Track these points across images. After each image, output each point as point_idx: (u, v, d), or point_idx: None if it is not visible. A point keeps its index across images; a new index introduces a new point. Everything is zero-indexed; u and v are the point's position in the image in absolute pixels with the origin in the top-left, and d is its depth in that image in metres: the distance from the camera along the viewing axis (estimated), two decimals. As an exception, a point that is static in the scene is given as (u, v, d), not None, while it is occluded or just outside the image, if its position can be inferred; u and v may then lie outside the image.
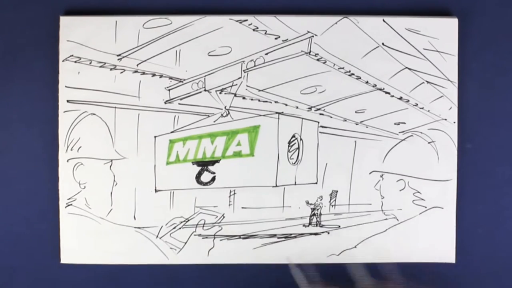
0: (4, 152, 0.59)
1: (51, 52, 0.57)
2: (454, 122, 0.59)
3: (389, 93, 0.58)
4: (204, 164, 0.58)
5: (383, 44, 0.58)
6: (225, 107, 0.58)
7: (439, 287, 0.60)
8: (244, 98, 0.58)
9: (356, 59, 0.58)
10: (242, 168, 0.58)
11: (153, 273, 0.59)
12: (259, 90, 0.58)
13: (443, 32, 0.58)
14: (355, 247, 0.59)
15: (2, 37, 0.58)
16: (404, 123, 0.59)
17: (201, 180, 0.58)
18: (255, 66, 0.58)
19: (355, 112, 0.58)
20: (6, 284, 0.59)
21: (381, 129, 0.58)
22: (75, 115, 0.57)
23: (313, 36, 0.58)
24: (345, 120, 0.58)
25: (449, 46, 0.58)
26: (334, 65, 0.58)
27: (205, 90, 0.58)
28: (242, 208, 0.58)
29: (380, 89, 0.58)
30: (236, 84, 0.58)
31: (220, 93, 0.58)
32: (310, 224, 0.59)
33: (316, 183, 0.58)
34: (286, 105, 0.58)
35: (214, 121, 0.58)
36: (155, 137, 0.58)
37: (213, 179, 0.58)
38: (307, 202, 0.59)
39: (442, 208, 0.59)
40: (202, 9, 0.58)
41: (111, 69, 0.57)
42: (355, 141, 0.58)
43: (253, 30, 0.57)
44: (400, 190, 0.59)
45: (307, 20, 0.57)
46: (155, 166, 0.58)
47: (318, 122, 0.58)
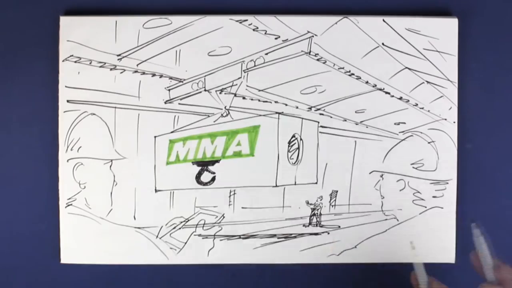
0: (4, 152, 0.59)
1: (51, 52, 0.57)
2: (454, 122, 0.59)
3: (389, 93, 0.58)
4: (204, 164, 0.58)
5: (383, 44, 0.58)
6: (225, 107, 0.58)
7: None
8: (244, 98, 0.58)
9: (356, 59, 0.58)
10: (242, 168, 0.58)
11: (153, 273, 0.59)
12: (259, 90, 0.58)
13: (443, 32, 0.58)
14: (355, 247, 0.59)
15: (2, 37, 0.58)
16: (404, 123, 0.59)
17: (201, 180, 0.58)
18: (255, 66, 0.58)
19: (355, 112, 0.58)
20: (6, 284, 0.59)
21: (381, 129, 0.58)
22: (75, 115, 0.57)
23: (313, 36, 0.58)
24: (345, 120, 0.58)
25: (449, 46, 0.58)
26: (334, 65, 0.58)
27: (205, 90, 0.58)
28: (242, 208, 0.58)
29: (380, 89, 0.58)
30: (236, 84, 0.58)
31: (220, 93, 0.58)
32: (310, 224, 0.59)
33: (316, 183, 0.58)
34: (286, 105, 0.58)
35: (214, 121, 0.58)
36: (155, 137, 0.58)
37: (213, 179, 0.58)
38: (307, 202, 0.59)
39: (442, 208, 0.59)
40: (202, 9, 0.58)
41: (111, 69, 0.57)
42: (355, 141, 0.58)
43: (253, 30, 0.57)
44: (400, 190, 0.59)
45: (307, 20, 0.58)
46: (155, 166, 0.58)
47: (318, 122, 0.58)
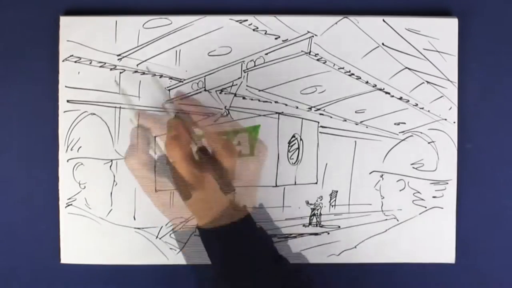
0: (4, 152, 0.59)
1: (51, 52, 0.57)
2: (454, 122, 0.59)
3: (389, 93, 0.58)
4: (204, 164, 0.58)
5: (383, 44, 0.58)
6: (225, 107, 0.58)
7: None
8: (244, 98, 0.58)
9: (356, 59, 0.58)
10: (242, 168, 0.58)
11: (153, 273, 0.59)
12: (259, 90, 0.58)
13: (443, 32, 0.58)
14: (355, 247, 0.59)
15: (2, 37, 0.58)
16: (404, 123, 0.59)
17: (201, 180, 0.58)
18: (255, 66, 0.58)
19: (355, 112, 0.58)
20: (6, 284, 0.59)
21: (381, 129, 0.58)
22: (75, 115, 0.57)
23: (313, 36, 0.58)
24: (345, 120, 0.58)
25: (449, 46, 0.58)
26: (334, 65, 0.58)
27: (205, 90, 0.58)
28: (242, 208, 0.58)
29: (380, 89, 0.58)
30: (236, 84, 0.58)
31: (220, 93, 0.58)
32: (310, 224, 0.59)
33: (316, 183, 0.58)
34: (286, 105, 0.58)
35: (214, 121, 0.58)
36: (155, 137, 0.58)
37: (213, 179, 0.58)
38: (307, 202, 0.58)
39: (442, 208, 0.59)
40: (202, 9, 0.58)
41: (111, 69, 0.57)
42: (355, 141, 0.58)
43: (253, 30, 0.57)
44: (400, 190, 0.59)
45: (307, 20, 0.57)
46: (155, 166, 0.58)
47: (318, 122, 0.58)
